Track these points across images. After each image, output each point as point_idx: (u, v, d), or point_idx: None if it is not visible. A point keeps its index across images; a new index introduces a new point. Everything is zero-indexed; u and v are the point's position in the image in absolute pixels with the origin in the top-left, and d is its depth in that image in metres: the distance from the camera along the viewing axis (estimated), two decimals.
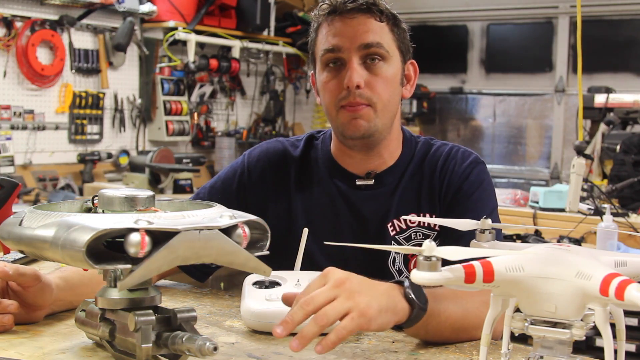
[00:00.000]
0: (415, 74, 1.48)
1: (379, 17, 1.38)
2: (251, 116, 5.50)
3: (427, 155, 1.48)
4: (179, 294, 1.42)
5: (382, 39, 1.38)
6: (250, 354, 1.06)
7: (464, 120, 5.80)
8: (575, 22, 3.30)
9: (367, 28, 1.37)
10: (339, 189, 1.47)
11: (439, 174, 1.45)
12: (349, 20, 1.37)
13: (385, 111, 1.40)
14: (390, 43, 1.39)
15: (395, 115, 1.44)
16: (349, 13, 1.37)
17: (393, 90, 1.41)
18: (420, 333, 1.12)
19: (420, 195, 1.45)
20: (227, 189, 1.51)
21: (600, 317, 0.68)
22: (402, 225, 1.44)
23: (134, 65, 4.58)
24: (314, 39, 1.44)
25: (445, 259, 0.70)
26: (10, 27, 3.86)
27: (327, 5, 1.39)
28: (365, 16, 1.37)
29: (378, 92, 1.38)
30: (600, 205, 3.15)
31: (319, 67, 1.43)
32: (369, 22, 1.37)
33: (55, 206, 1.04)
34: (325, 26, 1.40)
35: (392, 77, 1.40)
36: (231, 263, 0.93)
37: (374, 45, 1.37)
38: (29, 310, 1.16)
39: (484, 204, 1.42)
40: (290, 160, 1.51)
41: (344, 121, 1.40)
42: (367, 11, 1.37)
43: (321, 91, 1.44)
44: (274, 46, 5.33)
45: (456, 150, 1.47)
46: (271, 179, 1.50)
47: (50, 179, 4.06)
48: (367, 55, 1.37)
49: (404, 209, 1.43)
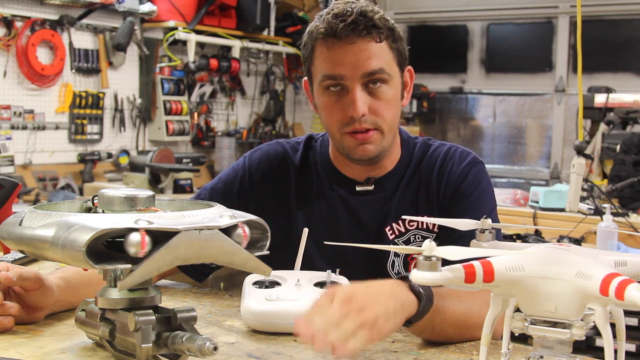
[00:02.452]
0: (411, 79, 1.46)
1: (379, 37, 1.33)
2: (251, 116, 5.50)
3: (425, 157, 1.47)
4: (179, 294, 1.42)
5: (384, 61, 1.34)
6: (250, 354, 1.06)
7: (464, 120, 5.80)
8: (575, 22, 3.30)
9: (369, 54, 1.32)
10: (339, 194, 1.46)
11: (437, 175, 1.44)
12: (349, 47, 1.32)
13: (390, 130, 1.39)
14: (391, 62, 1.36)
15: (397, 129, 1.44)
16: (349, 38, 1.32)
17: (396, 108, 1.39)
18: (427, 331, 1.12)
19: (418, 197, 1.44)
20: (228, 191, 1.50)
21: (600, 317, 0.68)
22: (401, 228, 1.44)
23: (134, 65, 4.58)
24: (310, 57, 1.39)
25: (445, 259, 0.70)
26: (10, 27, 3.85)
27: (324, 28, 1.33)
28: (365, 40, 1.32)
29: (383, 115, 1.36)
30: (600, 205, 3.15)
31: (317, 87, 1.40)
32: (369, 46, 1.32)
33: (55, 206, 1.04)
34: (323, 50, 1.35)
35: (394, 97, 1.38)
36: (231, 263, 0.93)
37: (376, 72, 1.33)
38: (30, 311, 1.16)
39: (483, 204, 1.42)
40: (291, 165, 1.50)
41: (351, 146, 1.38)
42: (367, 35, 1.32)
43: (321, 111, 1.40)
44: (274, 46, 5.33)
45: (454, 150, 1.47)
46: (272, 183, 1.49)
47: (50, 178, 4.06)
48: (369, 81, 1.34)
49: (402, 212, 1.43)
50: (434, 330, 1.12)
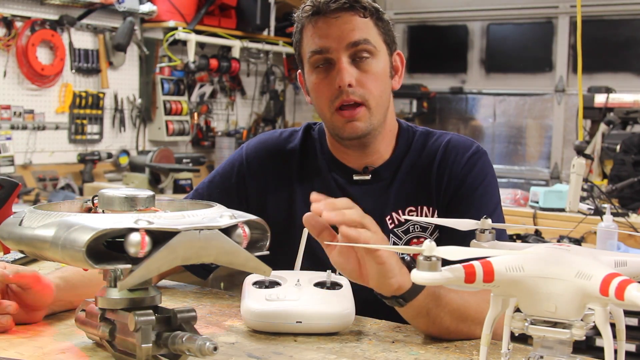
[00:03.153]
0: (402, 64, 1.48)
1: (363, 14, 1.37)
2: (251, 116, 5.50)
3: (426, 146, 1.47)
4: (179, 294, 1.42)
5: (369, 34, 1.38)
6: (250, 354, 1.06)
7: (464, 120, 5.80)
8: (575, 22, 3.30)
9: (353, 26, 1.37)
10: (338, 182, 1.47)
11: (438, 165, 1.44)
12: (334, 20, 1.37)
13: (378, 107, 1.40)
14: (377, 38, 1.39)
15: (387, 109, 1.45)
16: (333, 13, 1.37)
17: (384, 84, 1.41)
18: (422, 315, 1.13)
19: (418, 187, 1.44)
20: (226, 182, 1.51)
21: (600, 317, 0.68)
22: (400, 218, 1.44)
23: (134, 65, 4.58)
24: (299, 40, 1.44)
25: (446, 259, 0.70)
26: (10, 27, 3.85)
27: (309, 7, 1.39)
28: (349, 14, 1.37)
29: (369, 89, 1.38)
30: (600, 205, 3.15)
31: (307, 69, 1.43)
32: (353, 19, 1.37)
33: (55, 206, 1.04)
34: (309, 27, 1.40)
35: (381, 71, 1.40)
36: (231, 263, 0.93)
37: (361, 43, 1.36)
38: (29, 310, 1.16)
39: (490, 198, 1.41)
40: (290, 151, 1.51)
41: (340, 124, 1.40)
42: (350, 9, 1.37)
43: (312, 92, 1.43)
44: (274, 46, 5.33)
45: (456, 139, 1.46)
46: (271, 169, 1.50)
47: (50, 179, 4.06)
48: (355, 53, 1.37)
49: (401, 201, 1.44)
50: (429, 315, 1.13)
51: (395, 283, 1.08)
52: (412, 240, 1.43)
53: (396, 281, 1.08)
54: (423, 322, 1.15)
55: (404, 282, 1.09)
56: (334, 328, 1.16)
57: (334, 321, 1.16)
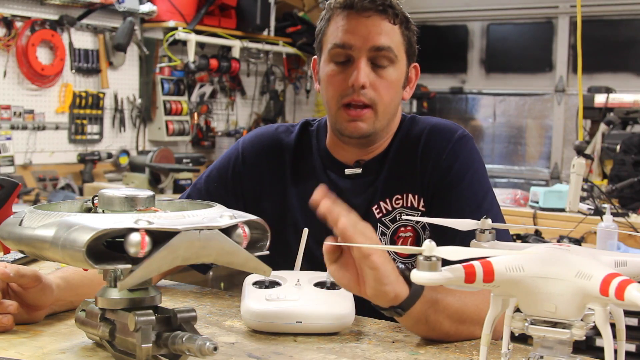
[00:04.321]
0: (416, 77, 1.48)
1: (393, 20, 1.37)
2: (251, 116, 5.50)
3: (411, 132, 1.46)
4: (179, 294, 1.42)
5: (393, 42, 1.38)
6: (250, 354, 1.06)
7: (464, 120, 5.80)
8: (575, 22, 3.30)
9: (380, 30, 1.37)
10: (329, 178, 1.48)
11: (422, 150, 1.43)
12: (364, 19, 1.36)
13: (385, 113, 1.40)
14: (400, 47, 1.39)
15: (394, 116, 1.45)
16: (365, 11, 1.36)
17: (395, 93, 1.41)
18: (422, 322, 1.12)
19: (404, 174, 1.44)
20: (222, 176, 1.52)
21: (600, 317, 0.68)
22: (387, 207, 1.44)
23: (134, 65, 4.58)
24: (324, 27, 1.43)
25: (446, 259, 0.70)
26: (10, 27, 3.85)
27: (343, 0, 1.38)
28: (380, 17, 1.37)
29: (381, 94, 1.38)
30: (600, 205, 3.15)
31: (324, 58, 1.43)
32: (382, 23, 1.37)
33: (55, 206, 1.04)
34: (338, 19, 1.39)
35: (396, 81, 1.40)
36: (231, 263, 0.93)
37: (384, 49, 1.37)
38: (29, 310, 1.16)
39: (479, 185, 1.40)
40: (286, 146, 1.52)
41: (343, 121, 1.40)
42: (382, 12, 1.37)
43: (323, 82, 1.43)
44: (274, 46, 5.33)
45: (440, 123, 1.45)
46: (266, 164, 1.51)
47: (50, 179, 4.06)
48: (376, 57, 1.37)
49: (388, 189, 1.43)
50: (428, 322, 1.12)
51: (392, 291, 1.06)
52: (400, 228, 1.43)
53: (392, 289, 1.06)
54: (423, 329, 1.14)
55: (400, 291, 1.07)
56: (334, 328, 1.16)
57: (334, 321, 1.16)
